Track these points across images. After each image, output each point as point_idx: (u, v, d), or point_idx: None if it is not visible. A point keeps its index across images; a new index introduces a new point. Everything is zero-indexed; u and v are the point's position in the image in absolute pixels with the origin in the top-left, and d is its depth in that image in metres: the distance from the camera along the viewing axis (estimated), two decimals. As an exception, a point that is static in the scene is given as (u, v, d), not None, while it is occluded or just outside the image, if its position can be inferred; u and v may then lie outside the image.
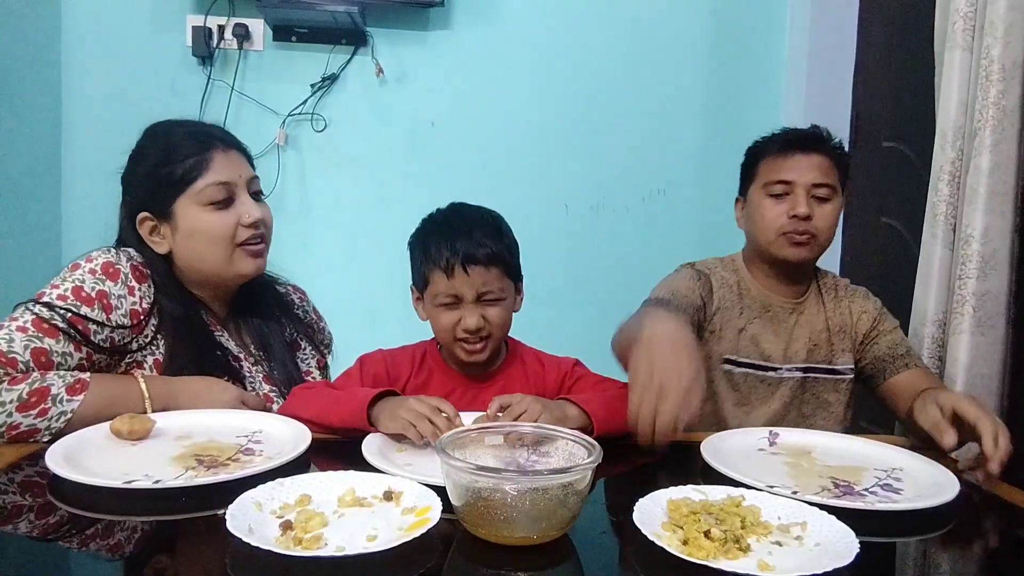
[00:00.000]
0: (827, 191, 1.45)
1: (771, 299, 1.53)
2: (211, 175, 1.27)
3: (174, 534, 0.87)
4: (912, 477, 1.06)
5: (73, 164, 2.52)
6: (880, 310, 1.54)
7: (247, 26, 2.47)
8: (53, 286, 1.21)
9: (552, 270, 2.61)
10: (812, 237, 1.45)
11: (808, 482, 1.01)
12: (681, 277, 1.52)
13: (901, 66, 2.22)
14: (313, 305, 1.59)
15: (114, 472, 0.96)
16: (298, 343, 1.49)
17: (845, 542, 0.79)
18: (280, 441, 1.10)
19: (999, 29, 1.46)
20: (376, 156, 2.58)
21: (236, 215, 1.28)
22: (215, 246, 1.28)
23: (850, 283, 1.59)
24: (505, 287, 1.29)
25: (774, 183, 1.47)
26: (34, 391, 1.11)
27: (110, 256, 1.25)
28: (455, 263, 1.24)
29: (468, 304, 1.26)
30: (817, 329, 1.53)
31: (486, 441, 0.95)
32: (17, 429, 1.11)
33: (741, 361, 1.51)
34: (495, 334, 1.29)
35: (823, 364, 1.52)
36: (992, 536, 0.99)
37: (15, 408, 1.10)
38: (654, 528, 0.81)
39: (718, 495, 0.90)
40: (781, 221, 1.46)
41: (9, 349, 1.14)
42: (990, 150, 1.48)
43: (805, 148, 1.47)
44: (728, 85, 2.62)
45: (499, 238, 1.28)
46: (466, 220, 1.30)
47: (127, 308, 1.23)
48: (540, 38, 2.58)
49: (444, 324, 1.28)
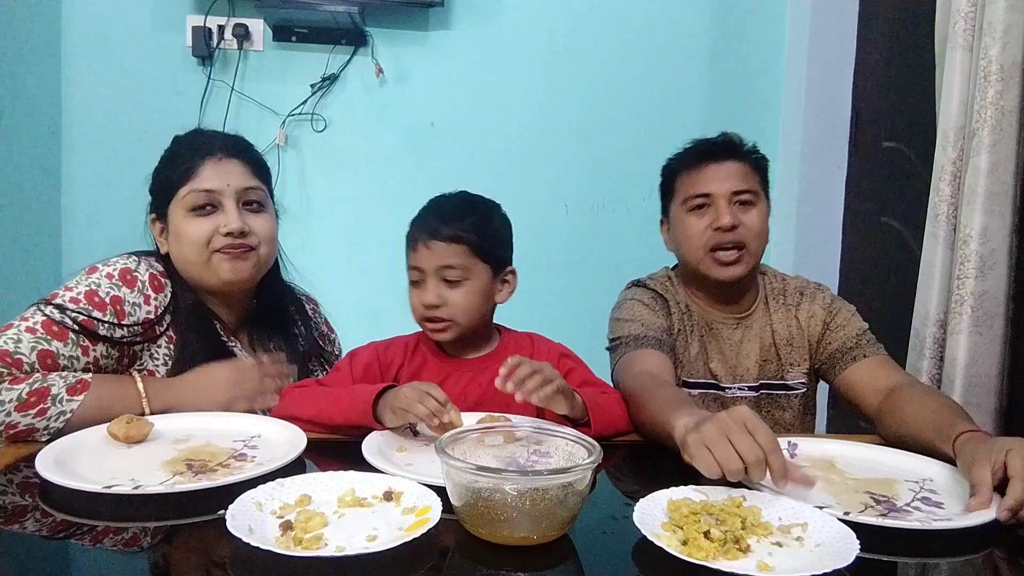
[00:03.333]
0: (749, 195, 1.41)
1: (713, 316, 1.48)
2: (195, 183, 1.29)
3: (157, 539, 0.86)
4: (946, 489, 1.02)
5: (73, 164, 2.52)
6: (829, 308, 1.46)
7: (247, 26, 2.47)
8: (67, 288, 1.22)
9: (552, 270, 2.61)
10: (742, 249, 1.40)
11: (848, 498, 0.97)
12: (639, 302, 1.45)
13: (901, 66, 2.22)
14: (325, 317, 1.59)
15: (103, 476, 0.96)
16: (309, 355, 1.49)
17: (845, 543, 0.79)
18: (275, 447, 1.09)
19: (998, 29, 1.46)
20: (376, 156, 2.58)
21: (216, 223, 1.29)
22: (193, 250, 1.30)
23: (802, 281, 1.52)
24: (471, 268, 1.27)
25: (693, 197, 1.43)
26: (34, 391, 1.12)
27: (129, 263, 1.27)
28: (419, 237, 1.27)
29: (428, 280, 1.27)
30: (766, 344, 1.46)
31: (486, 441, 0.95)
32: (15, 428, 1.11)
33: (695, 382, 1.46)
34: (457, 318, 1.27)
35: (776, 380, 1.47)
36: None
37: (14, 408, 1.10)
38: (654, 528, 0.81)
39: (719, 496, 0.90)
40: (706, 236, 1.40)
41: (16, 350, 1.14)
42: (988, 150, 1.48)
43: (718, 157, 1.43)
44: (728, 85, 2.62)
45: (470, 219, 1.29)
46: (448, 201, 1.33)
47: (140, 316, 1.24)
48: (540, 38, 2.58)
49: (412, 303, 1.30)
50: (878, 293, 2.21)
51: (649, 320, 1.42)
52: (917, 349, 1.66)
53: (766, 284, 1.51)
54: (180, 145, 1.35)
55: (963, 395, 1.52)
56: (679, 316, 1.47)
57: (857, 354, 1.40)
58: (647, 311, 1.43)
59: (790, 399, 1.48)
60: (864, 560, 0.77)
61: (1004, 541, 0.91)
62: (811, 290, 1.50)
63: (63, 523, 0.88)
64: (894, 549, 0.86)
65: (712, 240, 1.40)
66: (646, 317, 1.42)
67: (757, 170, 1.45)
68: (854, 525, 0.84)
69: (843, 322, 1.45)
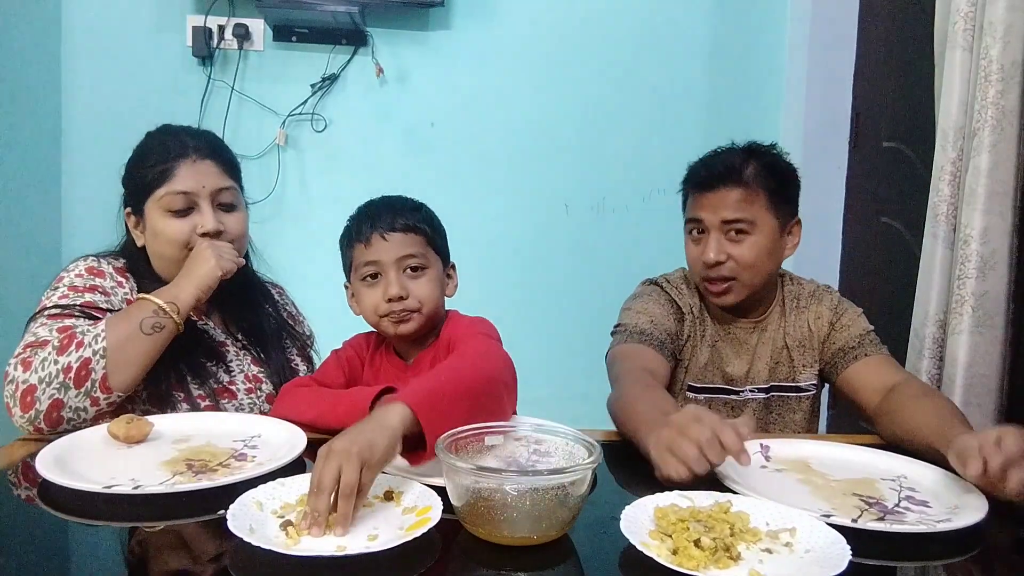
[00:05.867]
0: (743, 225, 1.38)
1: (731, 320, 1.48)
2: (172, 183, 1.31)
3: (157, 539, 0.86)
4: (923, 486, 1.03)
5: (73, 164, 2.52)
6: (835, 309, 1.47)
7: (247, 26, 2.47)
8: (49, 296, 1.27)
9: (552, 270, 2.62)
10: (731, 281, 1.40)
11: (841, 503, 0.96)
12: (655, 300, 1.46)
13: (901, 66, 2.22)
14: (291, 300, 1.62)
15: (103, 476, 0.96)
16: (281, 333, 1.51)
17: (836, 548, 0.78)
18: (275, 447, 1.10)
19: (999, 29, 1.46)
20: (376, 156, 2.58)
21: (193, 224, 1.32)
22: (171, 249, 1.32)
23: (815, 285, 1.52)
24: (429, 257, 1.27)
25: (689, 221, 1.45)
26: (60, 337, 1.17)
27: (90, 261, 1.34)
28: (372, 233, 1.25)
29: (389, 272, 1.25)
30: (779, 346, 1.47)
31: (486, 441, 0.95)
32: (71, 370, 1.14)
33: (703, 387, 1.47)
34: (423, 308, 1.26)
35: (787, 382, 1.48)
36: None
37: (57, 354, 1.15)
38: (642, 537, 0.80)
39: (705, 501, 0.89)
40: (698, 265, 1.42)
41: (37, 337, 1.20)
42: (989, 150, 1.48)
43: (713, 186, 1.40)
44: (728, 85, 2.62)
45: (418, 213, 1.30)
46: (386, 201, 1.33)
47: (122, 296, 1.31)
48: (540, 38, 2.58)
49: (369, 302, 1.27)
50: (878, 293, 2.21)
51: (659, 320, 1.43)
52: (917, 349, 1.66)
53: (784, 289, 1.52)
54: (153, 142, 1.36)
55: (963, 395, 1.52)
56: (691, 321, 1.47)
57: (859, 353, 1.41)
58: (660, 311, 1.45)
59: (800, 401, 1.48)
60: (857, 565, 0.76)
61: (998, 540, 0.91)
62: (820, 292, 1.51)
63: (63, 523, 0.88)
64: (885, 552, 0.86)
65: (702, 272, 1.43)
66: (657, 316, 1.44)
67: (764, 191, 1.39)
68: (855, 531, 0.83)
69: (848, 322, 1.45)
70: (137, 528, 0.87)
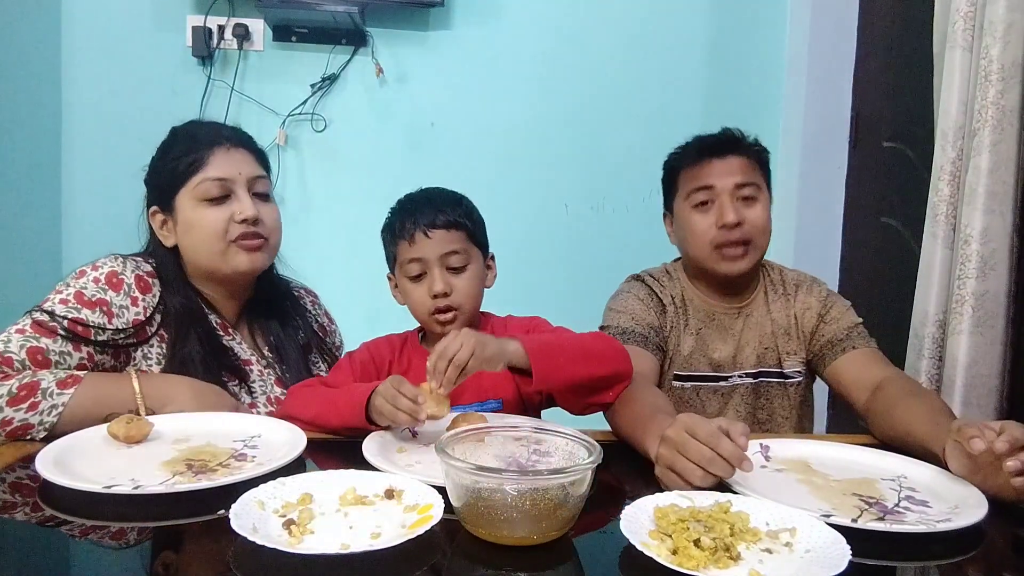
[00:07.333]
0: (752, 189, 1.42)
1: (714, 306, 1.50)
2: (208, 171, 1.29)
3: (157, 539, 0.86)
4: (924, 485, 1.02)
5: (73, 164, 2.52)
6: (824, 301, 1.48)
7: (247, 26, 2.47)
8: (57, 291, 1.23)
9: (552, 270, 2.62)
10: (747, 244, 1.42)
11: (840, 503, 0.97)
12: (634, 296, 1.48)
13: (901, 66, 2.22)
14: (325, 309, 1.59)
15: (103, 476, 0.95)
16: (310, 346, 1.49)
17: (836, 548, 0.78)
18: (275, 447, 1.09)
19: (999, 29, 1.46)
20: (376, 156, 2.58)
21: (230, 211, 1.29)
22: (209, 240, 1.29)
23: (799, 274, 1.54)
24: (470, 252, 1.30)
25: (696, 191, 1.44)
26: (24, 385, 1.12)
27: (116, 266, 1.27)
28: (415, 230, 1.27)
29: (433, 269, 1.27)
30: (766, 332, 1.48)
31: (486, 441, 0.95)
32: (10, 425, 1.11)
33: (691, 375, 1.47)
34: (464, 305, 1.29)
35: (774, 368, 1.49)
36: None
37: (5, 403, 1.10)
38: (642, 537, 0.80)
39: (705, 501, 0.89)
40: (712, 233, 1.42)
41: (5, 349, 1.15)
42: (989, 150, 1.48)
43: (721, 152, 1.44)
44: (728, 85, 2.62)
45: (459, 207, 1.32)
46: (427, 195, 1.35)
47: (129, 318, 1.25)
48: (540, 38, 2.58)
49: (416, 298, 1.30)
50: (878, 293, 2.21)
51: (640, 316, 1.45)
52: (916, 349, 1.66)
53: (764, 275, 1.53)
54: (182, 135, 1.34)
55: (963, 395, 1.52)
56: (674, 312, 1.49)
57: (846, 345, 1.42)
58: (640, 306, 1.46)
59: (786, 388, 1.50)
60: (857, 565, 0.76)
61: (998, 540, 0.91)
62: (808, 283, 1.52)
63: (63, 523, 0.88)
64: (885, 552, 0.86)
65: (718, 238, 1.42)
66: (638, 312, 1.45)
67: (759, 164, 1.47)
68: (855, 531, 0.83)
69: (837, 315, 1.47)
70: (137, 528, 0.87)
